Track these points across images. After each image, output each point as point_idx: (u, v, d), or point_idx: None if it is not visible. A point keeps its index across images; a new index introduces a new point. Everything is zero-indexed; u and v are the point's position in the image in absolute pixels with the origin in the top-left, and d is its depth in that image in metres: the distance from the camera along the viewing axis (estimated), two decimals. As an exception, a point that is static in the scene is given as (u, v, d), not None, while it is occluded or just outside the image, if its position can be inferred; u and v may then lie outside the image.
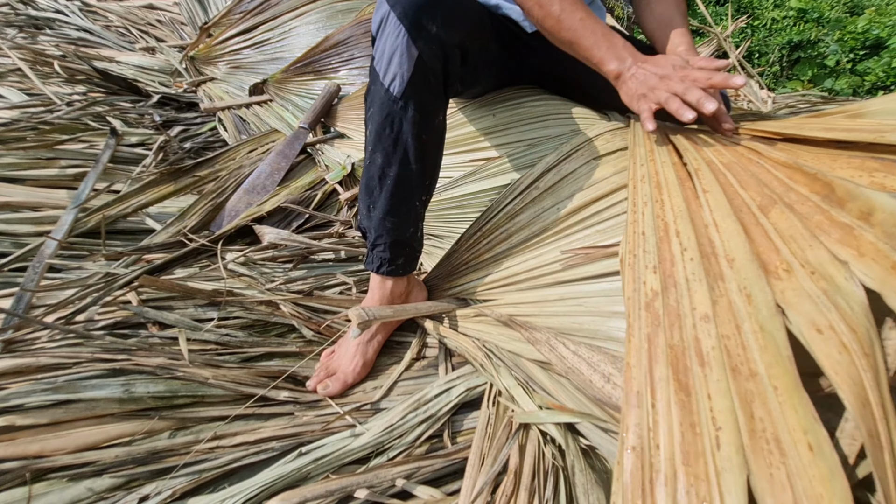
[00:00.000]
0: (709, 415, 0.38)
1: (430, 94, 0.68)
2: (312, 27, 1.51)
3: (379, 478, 0.59)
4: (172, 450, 0.60)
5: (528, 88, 1.02)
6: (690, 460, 0.36)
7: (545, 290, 0.71)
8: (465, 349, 0.72)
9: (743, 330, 0.41)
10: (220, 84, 1.51)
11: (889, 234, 0.41)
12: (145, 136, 1.17)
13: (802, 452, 0.34)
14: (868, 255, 0.41)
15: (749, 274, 0.44)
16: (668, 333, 0.44)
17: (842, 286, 0.40)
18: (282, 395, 0.68)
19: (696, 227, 0.52)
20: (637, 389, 0.42)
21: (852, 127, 0.57)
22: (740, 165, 0.59)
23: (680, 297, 0.46)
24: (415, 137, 0.68)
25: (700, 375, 0.40)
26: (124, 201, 0.94)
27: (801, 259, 0.44)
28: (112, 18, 1.78)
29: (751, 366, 0.39)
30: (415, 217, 0.74)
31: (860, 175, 0.51)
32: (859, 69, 2.09)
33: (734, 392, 0.38)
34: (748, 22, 2.46)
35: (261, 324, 0.78)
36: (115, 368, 0.61)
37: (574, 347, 0.60)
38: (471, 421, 0.68)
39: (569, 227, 0.73)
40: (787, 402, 0.36)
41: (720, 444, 0.36)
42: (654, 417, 0.40)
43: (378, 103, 0.67)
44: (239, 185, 1.05)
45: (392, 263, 0.74)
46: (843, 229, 0.44)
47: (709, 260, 0.48)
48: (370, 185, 0.72)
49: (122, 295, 0.75)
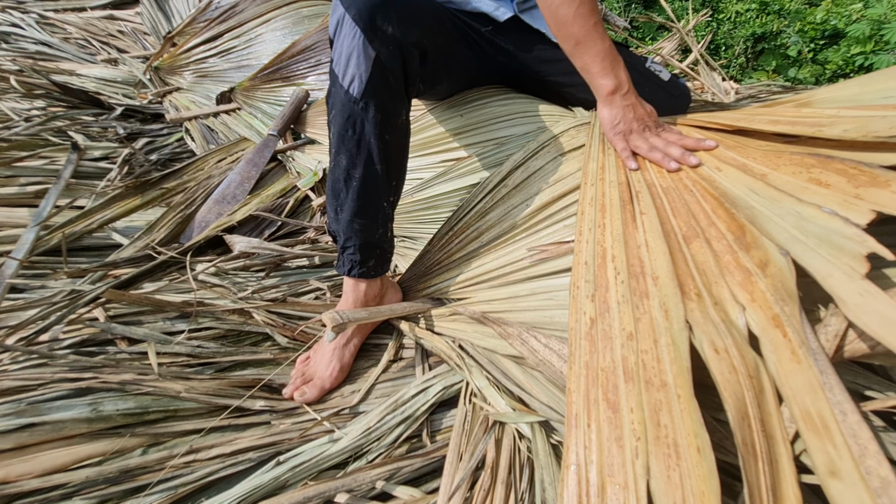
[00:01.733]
0: (631, 427, 0.42)
1: (391, 94, 0.68)
2: (279, 33, 1.50)
3: (358, 481, 0.59)
4: (146, 467, 0.59)
5: (496, 88, 1.03)
6: (615, 472, 0.41)
7: (517, 286, 0.72)
8: (440, 349, 0.72)
9: (659, 344, 0.46)
10: (186, 94, 1.48)
11: (776, 287, 0.46)
12: (109, 149, 1.14)
13: (692, 455, 0.39)
14: (758, 302, 0.46)
15: (668, 291, 0.49)
16: (601, 357, 0.48)
17: (735, 323, 0.46)
18: (258, 404, 0.68)
19: (629, 248, 0.57)
20: (576, 412, 0.45)
21: (796, 120, 0.60)
22: (676, 192, 0.63)
23: (612, 321, 0.50)
24: (378, 138, 0.68)
25: (625, 391, 0.44)
26: (89, 217, 0.92)
27: (708, 290, 0.49)
28: (71, 30, 1.74)
29: (662, 377, 0.44)
30: (383, 218, 0.74)
31: (800, 171, 0.54)
32: (820, 58, 2.17)
33: (646, 403, 0.43)
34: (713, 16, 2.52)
35: (234, 333, 0.77)
36: (81, 388, 0.60)
37: (545, 340, 0.61)
38: (449, 419, 0.69)
39: (538, 223, 0.75)
40: (685, 409, 0.41)
41: (638, 453, 0.40)
42: (589, 436, 0.44)
43: (339, 105, 0.67)
44: (208, 196, 1.04)
45: (363, 265, 0.74)
46: (745, 273, 0.49)
47: (637, 280, 0.52)
48: (336, 188, 0.71)
49: (87, 312, 0.74)
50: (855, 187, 0.48)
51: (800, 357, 0.41)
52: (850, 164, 0.50)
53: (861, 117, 0.55)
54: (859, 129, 0.52)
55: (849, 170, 0.50)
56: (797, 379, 0.40)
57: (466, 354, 0.70)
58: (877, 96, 0.63)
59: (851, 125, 0.53)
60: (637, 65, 1.00)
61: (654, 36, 2.36)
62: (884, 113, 0.53)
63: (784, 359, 0.42)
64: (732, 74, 2.30)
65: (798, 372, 0.40)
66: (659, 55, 1.79)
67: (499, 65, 0.98)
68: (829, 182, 0.50)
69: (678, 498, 0.37)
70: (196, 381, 0.66)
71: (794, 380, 0.40)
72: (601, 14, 0.69)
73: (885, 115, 0.52)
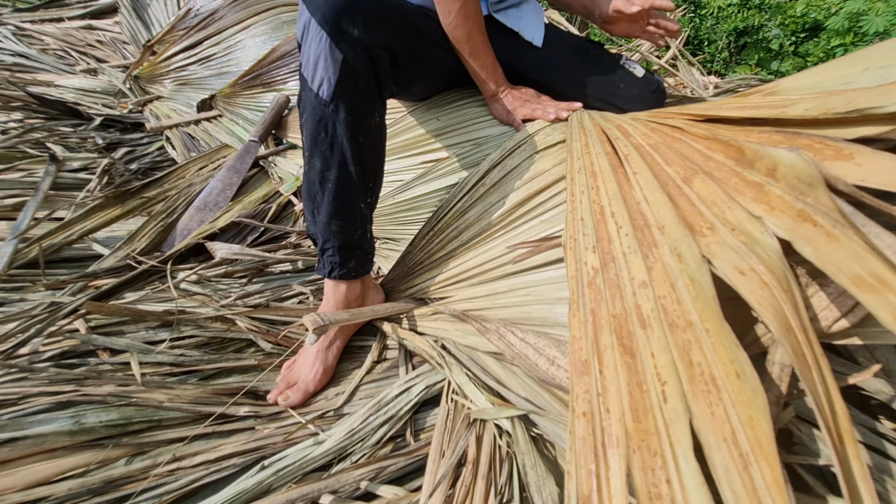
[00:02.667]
0: (653, 372, 0.40)
1: (361, 96, 0.68)
2: (258, 39, 1.50)
3: (341, 482, 0.60)
4: (129, 476, 0.59)
5: (474, 89, 1.04)
6: (640, 416, 0.38)
7: (496, 283, 0.73)
8: (422, 349, 0.73)
9: (677, 287, 0.44)
10: (166, 102, 1.48)
11: (791, 185, 0.45)
12: (88, 160, 1.14)
13: (732, 382, 0.36)
14: (777, 207, 0.45)
15: (677, 236, 0.47)
16: (611, 304, 0.46)
17: (759, 239, 0.44)
18: (241, 410, 0.68)
19: (628, 205, 0.56)
20: (584, 358, 0.43)
21: (761, 104, 0.62)
22: (665, 144, 0.63)
23: (619, 271, 0.49)
24: (350, 139, 0.68)
25: (643, 337, 0.42)
26: (68, 228, 0.92)
27: (722, 219, 0.47)
28: (48, 41, 1.72)
29: (686, 317, 0.41)
30: (361, 219, 0.74)
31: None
32: (801, 51, 2.20)
33: (673, 346, 0.40)
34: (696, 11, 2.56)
35: (217, 341, 0.77)
36: (62, 401, 0.60)
37: (521, 335, 0.62)
38: (432, 417, 0.69)
39: (515, 220, 0.76)
40: (717, 341, 0.39)
41: (667, 397, 0.38)
42: (603, 383, 0.41)
43: (310, 109, 0.68)
44: (190, 204, 1.03)
45: (343, 267, 0.74)
46: (755, 188, 0.47)
47: (642, 232, 0.51)
48: (312, 191, 0.72)
49: (68, 323, 0.74)
50: (822, 161, 0.49)
51: (836, 235, 0.38)
52: (816, 139, 0.51)
53: (820, 96, 0.56)
54: (819, 107, 0.53)
55: (815, 144, 0.51)
56: (839, 255, 0.38)
57: (447, 353, 0.71)
58: (837, 83, 0.65)
59: (812, 104, 0.55)
60: (612, 63, 1.01)
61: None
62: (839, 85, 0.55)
63: (821, 245, 0.39)
64: (716, 69, 2.34)
65: (838, 249, 0.38)
66: (638, 52, 1.81)
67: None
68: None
69: (727, 432, 0.35)
70: (179, 390, 0.67)
71: (836, 257, 0.38)
72: (485, 34, 0.85)
73: (842, 93, 0.54)
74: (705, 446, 0.35)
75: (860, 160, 0.46)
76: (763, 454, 0.34)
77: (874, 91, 0.48)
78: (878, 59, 0.61)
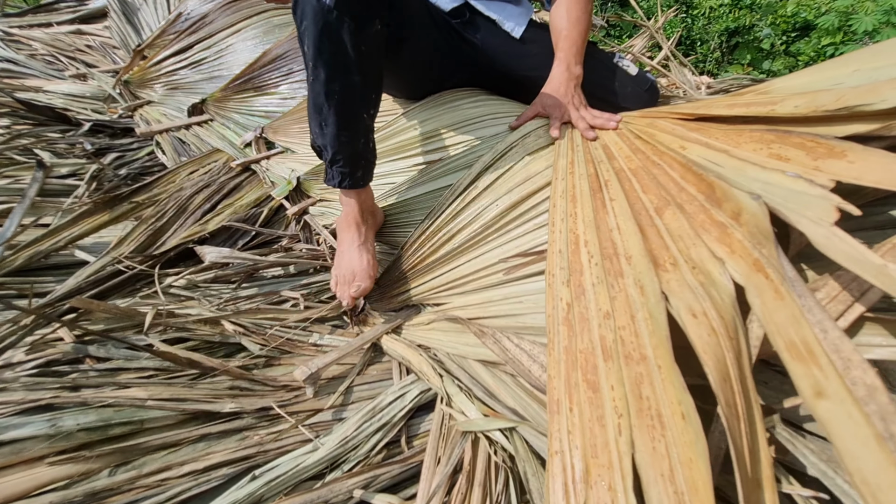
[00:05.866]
0: (612, 405, 0.41)
1: (363, 2, 0.67)
2: (250, 43, 1.49)
3: (335, 491, 0.58)
4: (113, 488, 0.57)
5: (467, 90, 1.03)
6: (598, 452, 0.40)
7: (489, 292, 0.71)
8: (410, 363, 0.71)
9: (636, 319, 0.45)
10: (157, 107, 1.46)
11: (752, 233, 0.46)
12: (77, 166, 1.12)
13: (677, 422, 0.38)
14: (738, 252, 0.46)
15: (642, 268, 0.49)
16: (579, 339, 0.48)
17: (716, 280, 0.46)
18: (227, 406, 0.66)
19: (601, 232, 0.57)
20: (557, 398, 0.45)
21: (751, 102, 0.62)
22: (644, 170, 0.64)
23: (588, 303, 0.50)
24: (354, 48, 0.68)
25: (604, 369, 0.44)
26: (55, 235, 0.90)
27: (686, 255, 0.49)
28: (37, 47, 1.70)
29: (641, 350, 0.43)
30: (364, 129, 0.77)
31: (760, 147, 0.55)
32: (792, 50, 2.21)
33: (626, 378, 0.42)
34: (688, 12, 2.57)
35: (207, 345, 0.75)
36: (40, 405, 0.58)
37: (517, 341, 0.61)
38: (426, 423, 0.68)
39: (508, 224, 0.75)
40: (667, 378, 0.40)
41: (621, 430, 0.40)
42: (572, 420, 0.43)
43: (311, 15, 0.66)
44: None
45: (352, 177, 0.78)
46: (720, 228, 0.49)
47: (611, 261, 0.52)
48: (318, 103, 0.72)
49: (54, 332, 0.72)
50: (814, 159, 0.49)
51: (783, 293, 0.41)
52: (808, 138, 0.51)
53: (809, 94, 0.57)
54: (808, 104, 0.53)
55: (806, 143, 0.51)
56: (781, 314, 0.40)
57: (439, 365, 0.69)
58: (828, 83, 0.65)
59: (801, 101, 0.55)
60: (605, 60, 1.01)
61: (630, 34, 2.39)
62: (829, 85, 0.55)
63: (768, 299, 0.41)
64: (709, 69, 2.34)
65: (782, 308, 0.40)
66: (630, 53, 1.81)
67: (465, 56, 0.99)
68: (788, 156, 0.51)
69: (665, 468, 0.36)
70: (161, 387, 0.65)
71: (778, 315, 0.40)
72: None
73: (831, 90, 0.54)
74: (643, 479, 0.37)
75: (853, 158, 0.46)
76: (698, 498, 0.35)
77: (863, 89, 0.48)
78: (868, 61, 0.61)
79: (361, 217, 0.83)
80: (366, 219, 0.84)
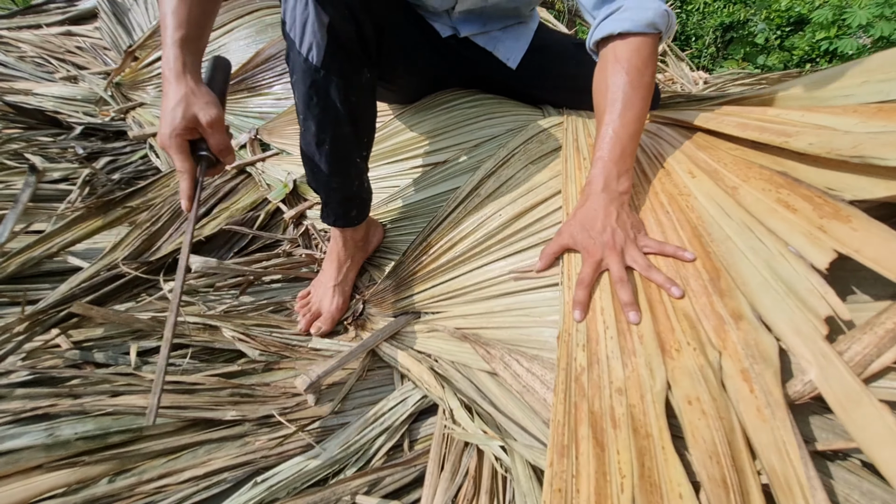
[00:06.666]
0: (617, 466, 0.45)
1: (350, 59, 0.67)
2: (242, 43, 1.48)
3: (337, 494, 0.58)
4: (114, 495, 0.56)
5: (464, 90, 1.03)
6: (601, 501, 0.44)
7: (492, 302, 0.71)
8: (409, 371, 0.71)
9: (645, 399, 0.49)
10: (150, 109, 1.45)
11: (747, 342, 0.48)
12: (69, 170, 1.11)
13: (675, 498, 0.42)
14: (729, 351, 0.48)
15: (652, 351, 0.51)
16: (591, 402, 0.51)
17: (711, 363, 0.48)
18: (229, 414, 0.65)
19: (615, 301, 0.58)
20: (565, 443, 0.49)
21: (763, 126, 0.62)
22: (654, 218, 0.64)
23: (601, 373, 0.53)
24: (343, 102, 0.68)
25: (612, 435, 0.48)
26: (48, 241, 0.89)
27: (690, 336, 0.51)
28: (26, 49, 1.68)
29: (648, 429, 0.47)
30: (357, 172, 0.76)
31: (769, 188, 0.55)
32: (787, 45, 2.22)
33: (633, 447, 0.46)
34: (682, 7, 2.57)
35: (206, 353, 0.75)
36: (37, 414, 0.57)
37: (527, 364, 0.61)
38: (429, 427, 0.68)
39: (512, 235, 0.74)
40: (669, 461, 0.44)
41: (623, 488, 0.44)
42: (577, 467, 0.47)
43: (300, 72, 0.66)
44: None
45: (346, 217, 0.78)
46: (718, 319, 0.51)
47: (624, 337, 0.54)
48: (309, 151, 0.73)
49: (52, 339, 0.71)
50: (819, 217, 0.50)
51: (765, 416, 0.43)
52: (816, 193, 0.52)
53: (825, 130, 0.56)
54: (823, 144, 0.53)
55: (815, 198, 0.52)
56: (763, 436, 0.42)
57: (439, 376, 0.68)
58: (835, 93, 0.65)
59: (816, 139, 0.55)
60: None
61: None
62: (846, 128, 0.55)
63: (749, 412, 0.44)
64: (704, 64, 2.34)
65: (763, 429, 0.42)
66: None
67: (464, 70, 0.97)
68: (796, 207, 0.52)
69: None
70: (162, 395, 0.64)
71: (760, 435, 0.42)
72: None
73: (847, 132, 0.54)
74: None
75: (856, 226, 0.47)
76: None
77: (881, 141, 0.48)
78: (876, 73, 0.61)
79: (346, 252, 0.83)
80: (352, 254, 0.84)
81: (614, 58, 0.65)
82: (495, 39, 0.90)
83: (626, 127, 0.63)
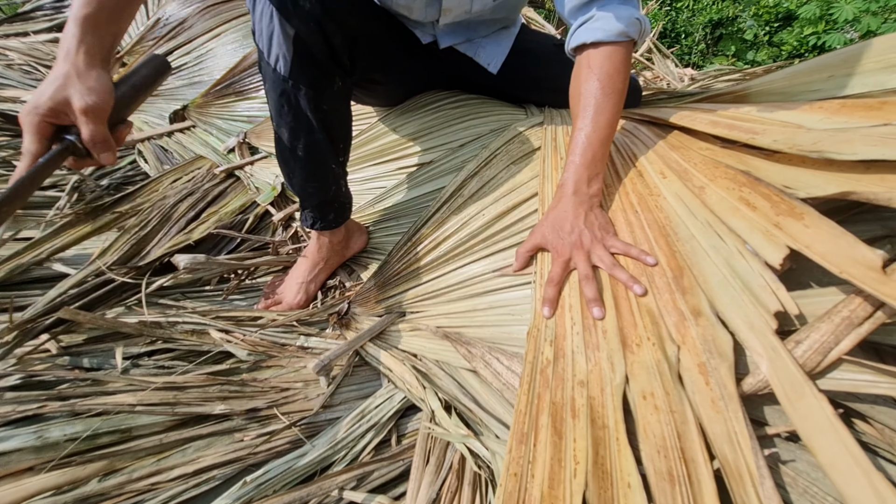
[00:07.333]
0: (572, 453, 0.48)
1: (319, 69, 0.67)
2: (230, 47, 1.49)
3: (324, 489, 0.59)
4: (104, 494, 0.57)
5: (446, 91, 1.04)
6: (554, 485, 0.46)
7: (475, 300, 0.72)
8: (391, 371, 0.72)
9: (605, 392, 0.51)
10: (137, 114, 1.45)
11: (706, 338, 0.50)
12: (57, 177, 1.11)
13: (624, 486, 0.45)
14: (688, 346, 0.50)
15: (614, 346, 0.53)
16: (553, 393, 0.53)
17: (669, 358, 0.50)
18: (217, 408, 0.66)
19: (582, 300, 0.60)
20: (525, 431, 0.51)
21: (733, 123, 0.64)
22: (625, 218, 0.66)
23: (566, 366, 0.55)
24: (314, 111, 0.68)
25: (571, 424, 0.50)
26: (37, 247, 0.89)
27: (650, 332, 0.53)
28: (13, 56, 1.68)
29: (605, 420, 0.49)
30: (334, 177, 0.77)
31: (732, 188, 0.58)
32: (776, 40, 2.24)
33: (589, 436, 0.48)
34: (672, 5, 2.59)
35: (194, 354, 0.76)
36: (27, 416, 0.58)
37: (507, 362, 0.62)
38: (415, 422, 0.69)
39: (494, 235, 0.75)
40: (622, 452, 0.47)
41: (576, 474, 0.46)
42: (534, 454, 0.49)
43: (270, 81, 0.67)
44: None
45: (323, 220, 0.79)
46: (680, 316, 0.53)
47: (590, 332, 0.57)
48: (284, 157, 0.74)
49: (42, 344, 0.72)
50: (776, 215, 0.52)
51: (719, 408, 0.45)
52: (774, 191, 0.54)
53: (790, 127, 0.59)
54: (787, 140, 0.55)
55: (773, 196, 0.54)
56: (717, 426, 0.44)
57: (423, 376, 0.69)
58: (803, 89, 0.67)
59: (781, 136, 0.57)
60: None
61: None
62: (810, 125, 0.58)
63: (705, 403, 0.46)
64: (694, 61, 2.36)
65: (717, 420, 0.44)
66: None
67: (446, 74, 0.98)
68: (756, 205, 0.54)
69: None
70: (150, 392, 0.65)
71: (714, 426, 0.44)
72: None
73: (809, 130, 0.56)
74: None
75: (809, 222, 0.49)
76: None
77: (838, 139, 0.50)
78: (841, 67, 0.64)
79: (320, 255, 0.85)
80: (326, 257, 0.86)
81: (587, 65, 0.66)
82: (476, 45, 0.90)
83: (598, 132, 0.64)
